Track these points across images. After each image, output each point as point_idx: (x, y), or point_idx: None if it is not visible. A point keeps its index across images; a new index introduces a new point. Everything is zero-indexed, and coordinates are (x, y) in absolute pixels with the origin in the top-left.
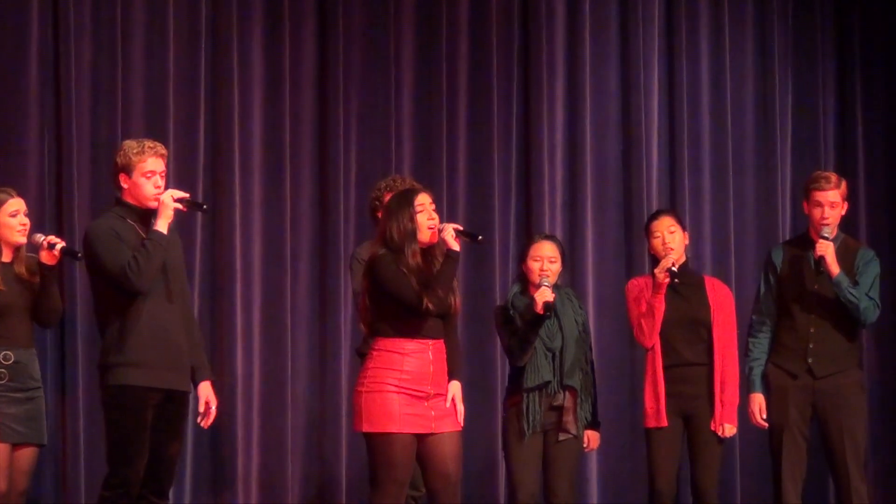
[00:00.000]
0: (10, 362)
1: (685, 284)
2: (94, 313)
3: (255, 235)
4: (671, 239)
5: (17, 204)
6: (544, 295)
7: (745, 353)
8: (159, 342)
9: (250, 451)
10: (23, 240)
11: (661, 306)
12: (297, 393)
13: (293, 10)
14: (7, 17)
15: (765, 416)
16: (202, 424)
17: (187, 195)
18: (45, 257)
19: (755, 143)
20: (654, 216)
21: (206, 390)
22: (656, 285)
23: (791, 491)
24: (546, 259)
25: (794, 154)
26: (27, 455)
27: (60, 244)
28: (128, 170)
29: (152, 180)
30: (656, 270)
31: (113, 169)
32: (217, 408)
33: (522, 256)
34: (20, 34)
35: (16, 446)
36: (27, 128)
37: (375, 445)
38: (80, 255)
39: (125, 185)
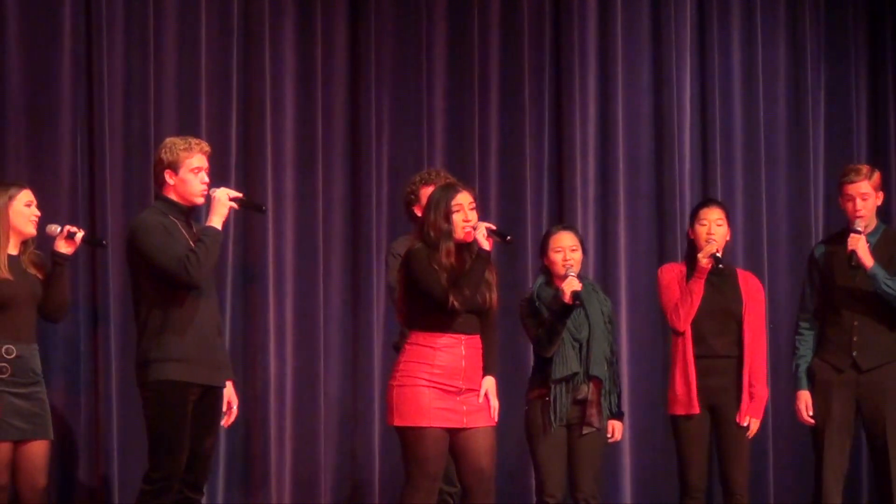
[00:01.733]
0: (13, 356)
1: (719, 276)
2: (133, 308)
3: (288, 230)
4: (717, 231)
5: (30, 195)
6: (572, 284)
7: (791, 351)
8: (199, 338)
9: (283, 447)
10: (34, 231)
11: (700, 291)
12: (329, 388)
13: (325, 4)
14: (39, 12)
15: (811, 413)
16: (222, 423)
17: (241, 195)
18: (63, 246)
19: (787, 136)
20: (707, 203)
21: (227, 390)
22: (698, 269)
23: (833, 488)
24: (567, 249)
25: (826, 147)
26: (38, 451)
27: (81, 233)
28: (175, 166)
29: (199, 176)
30: (700, 255)
31: (157, 165)
32: (238, 408)
33: (543, 250)
34: (52, 29)
35: (19, 443)
36: (59, 123)
37: (407, 440)
38: (104, 242)
39: (171, 182)
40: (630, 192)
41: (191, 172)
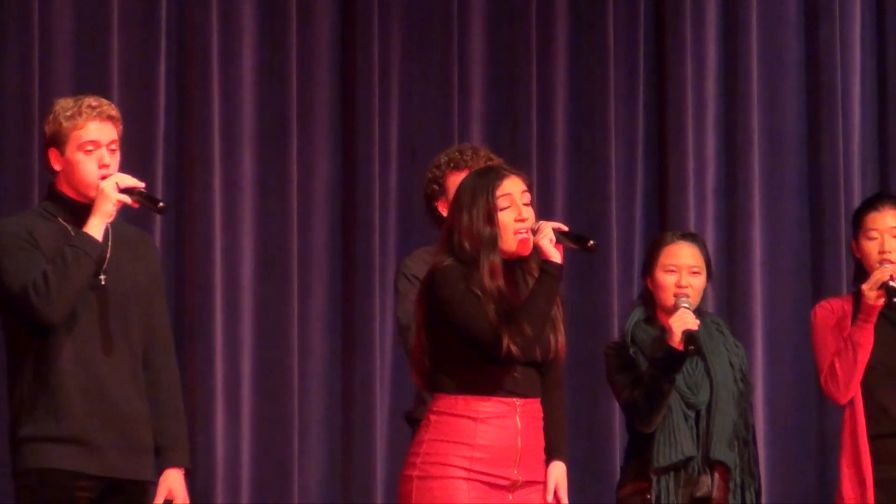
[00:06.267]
0: None
1: None
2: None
3: (245, 238)
4: (893, 244)
5: None
6: (685, 321)
7: None
8: (93, 406)
9: None
10: None
11: (867, 342)
12: (307, 480)
13: None
14: None
15: None
16: None
17: (141, 185)
18: None
19: None
20: (875, 203)
21: (170, 481)
22: (864, 308)
23: None
24: (685, 270)
25: None
26: None
27: None
28: (58, 142)
29: (95, 155)
30: (865, 287)
31: (41, 142)
32: None
33: (648, 267)
34: None
35: None
36: None
37: None
38: None
39: (57, 167)
40: (770, 182)
41: (80, 150)
